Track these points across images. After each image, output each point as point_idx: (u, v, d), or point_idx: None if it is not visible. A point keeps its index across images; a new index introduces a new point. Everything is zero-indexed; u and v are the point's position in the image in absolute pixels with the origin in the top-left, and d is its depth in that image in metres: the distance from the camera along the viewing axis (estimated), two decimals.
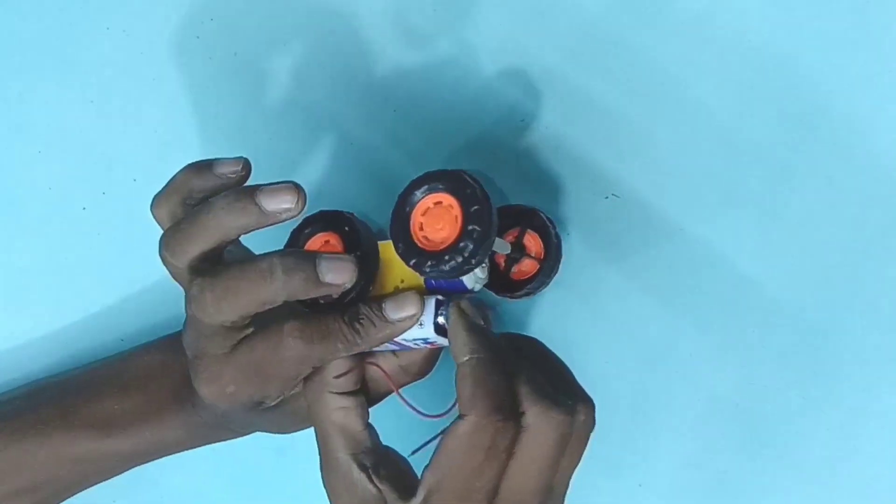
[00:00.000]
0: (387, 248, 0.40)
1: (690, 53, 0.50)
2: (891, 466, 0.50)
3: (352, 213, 0.41)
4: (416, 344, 0.40)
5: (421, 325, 0.38)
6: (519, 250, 0.45)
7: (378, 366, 0.41)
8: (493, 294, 0.45)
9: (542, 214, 0.45)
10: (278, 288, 0.36)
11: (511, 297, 0.45)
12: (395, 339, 0.39)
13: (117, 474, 0.50)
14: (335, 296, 0.39)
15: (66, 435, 0.47)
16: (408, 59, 0.51)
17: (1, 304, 0.52)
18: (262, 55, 0.51)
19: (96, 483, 0.50)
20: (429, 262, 0.38)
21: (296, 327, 0.38)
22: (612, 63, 0.50)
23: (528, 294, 0.44)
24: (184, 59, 0.50)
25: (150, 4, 0.50)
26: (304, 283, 0.37)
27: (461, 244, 0.37)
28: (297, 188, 0.37)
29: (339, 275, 0.37)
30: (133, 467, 0.50)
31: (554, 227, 0.45)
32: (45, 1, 0.49)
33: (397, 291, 0.39)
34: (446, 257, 0.37)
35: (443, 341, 0.39)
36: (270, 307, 0.37)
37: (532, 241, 0.45)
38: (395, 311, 0.38)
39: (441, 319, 0.38)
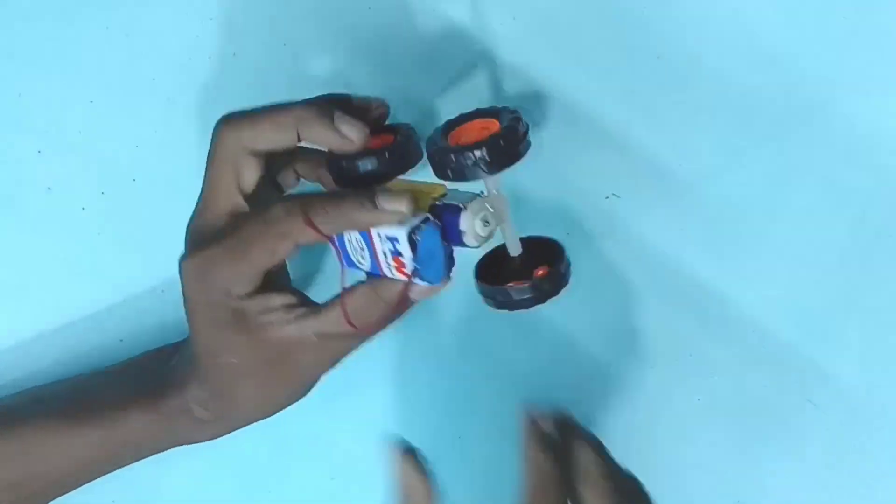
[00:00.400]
0: (416, 186, 0.42)
1: (691, 53, 0.50)
2: (891, 466, 0.50)
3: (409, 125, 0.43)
4: (385, 259, 0.41)
5: (400, 224, 0.40)
6: (528, 272, 0.43)
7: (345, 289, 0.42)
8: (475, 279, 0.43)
9: (565, 254, 0.44)
10: (298, 115, 0.41)
11: (485, 285, 0.43)
12: (372, 239, 0.40)
13: (105, 472, 0.48)
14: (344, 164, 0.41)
15: (37, 428, 0.46)
16: (409, 58, 0.51)
17: (0, 304, 0.51)
18: (261, 55, 0.51)
19: (81, 483, 0.48)
20: (439, 153, 0.40)
21: (283, 198, 0.41)
22: (612, 62, 0.50)
23: (509, 303, 0.43)
24: (184, 60, 0.50)
25: (150, 4, 0.50)
26: (318, 119, 0.41)
27: (476, 144, 0.39)
28: (366, 129, 0.41)
29: (350, 128, 0.41)
30: (111, 466, 0.48)
31: (567, 268, 0.44)
32: (45, 1, 0.49)
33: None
34: (458, 150, 0.39)
35: (409, 261, 0.40)
36: (287, 144, 0.41)
37: (542, 271, 0.43)
38: (386, 202, 0.40)
39: (416, 235, 0.39)
